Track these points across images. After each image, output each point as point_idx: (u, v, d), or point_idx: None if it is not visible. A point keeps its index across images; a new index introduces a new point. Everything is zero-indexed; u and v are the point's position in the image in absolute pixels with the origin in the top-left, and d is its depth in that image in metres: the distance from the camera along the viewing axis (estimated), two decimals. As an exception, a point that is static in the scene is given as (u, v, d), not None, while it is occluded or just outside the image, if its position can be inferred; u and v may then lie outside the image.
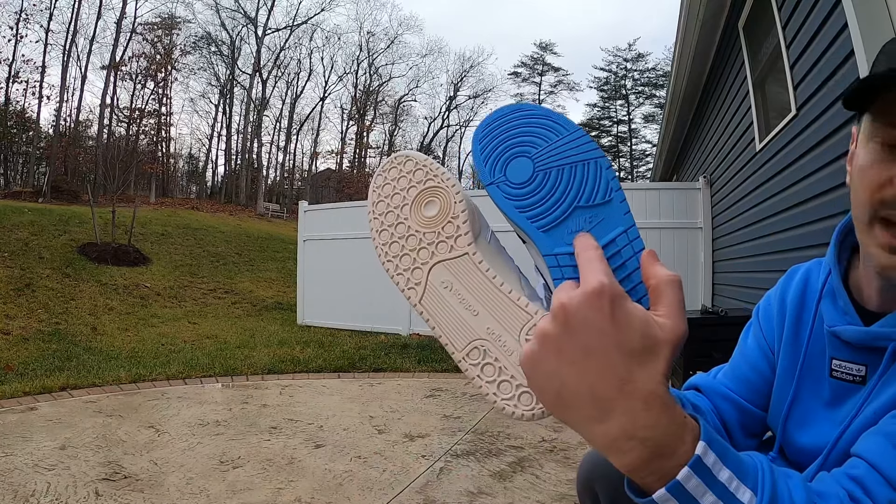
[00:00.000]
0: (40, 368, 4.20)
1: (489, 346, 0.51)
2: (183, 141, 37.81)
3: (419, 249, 0.54)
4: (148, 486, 2.02)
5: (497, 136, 0.54)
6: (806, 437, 0.64)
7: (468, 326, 0.52)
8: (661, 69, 31.95)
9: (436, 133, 37.37)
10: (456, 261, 0.53)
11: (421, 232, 0.54)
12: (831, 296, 0.64)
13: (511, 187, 0.53)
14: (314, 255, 6.73)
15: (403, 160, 0.56)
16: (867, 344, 0.58)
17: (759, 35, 3.42)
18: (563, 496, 1.96)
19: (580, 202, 0.52)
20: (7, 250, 8.27)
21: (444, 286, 0.53)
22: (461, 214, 0.54)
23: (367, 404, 3.26)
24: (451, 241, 0.53)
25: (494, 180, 0.53)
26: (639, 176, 35.05)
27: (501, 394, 0.50)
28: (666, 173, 9.35)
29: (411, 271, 0.55)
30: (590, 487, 0.77)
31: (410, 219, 0.55)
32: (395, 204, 0.56)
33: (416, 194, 0.55)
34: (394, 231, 0.55)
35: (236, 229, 14.88)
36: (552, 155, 0.53)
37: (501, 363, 0.51)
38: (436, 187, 0.55)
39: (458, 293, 0.53)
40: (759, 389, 0.73)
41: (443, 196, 0.54)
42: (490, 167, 0.54)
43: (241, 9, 29.46)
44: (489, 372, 0.51)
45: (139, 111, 25.98)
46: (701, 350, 3.36)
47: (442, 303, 0.53)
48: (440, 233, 0.54)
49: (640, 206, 5.13)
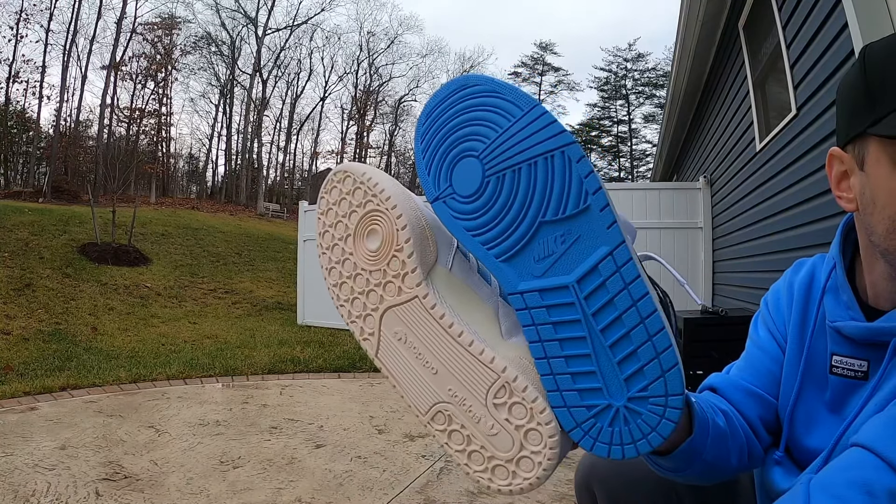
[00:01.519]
0: (40, 368, 4.20)
1: (453, 411, 0.42)
2: (183, 141, 37.86)
3: (368, 292, 0.45)
4: (148, 486, 2.02)
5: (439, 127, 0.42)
6: (811, 439, 0.63)
7: (429, 387, 0.43)
8: (661, 69, 31.95)
9: (436, 133, 37.34)
10: (406, 306, 0.43)
11: (367, 270, 0.45)
12: (834, 291, 0.63)
13: (459, 202, 0.41)
14: (314, 255, 6.69)
15: (342, 177, 0.47)
16: (869, 339, 0.57)
17: (759, 35, 3.42)
18: (563, 496, 1.96)
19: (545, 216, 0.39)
20: (7, 250, 8.28)
21: (397, 338, 0.44)
22: (405, 246, 0.43)
23: (368, 404, 3.26)
24: (399, 280, 0.43)
25: (440, 194, 0.42)
26: (639, 176, 35.04)
27: (473, 465, 0.42)
28: (666, 173, 9.34)
29: (363, 318, 0.46)
30: (588, 488, 0.77)
31: (356, 254, 0.46)
32: (339, 235, 0.47)
33: (357, 221, 0.45)
34: (342, 269, 0.47)
35: (236, 229, 14.87)
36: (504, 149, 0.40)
37: (469, 431, 0.42)
38: (375, 210, 0.44)
39: (413, 346, 0.43)
40: (778, 378, 0.70)
41: (384, 222, 0.44)
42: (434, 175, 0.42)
43: (241, 9, 29.45)
44: (457, 440, 0.43)
45: (139, 111, 25.95)
46: (701, 350, 3.36)
47: (398, 358, 0.44)
48: (386, 271, 0.44)
49: (640, 206, 5.13)
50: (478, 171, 0.41)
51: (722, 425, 0.62)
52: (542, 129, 0.40)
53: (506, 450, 0.41)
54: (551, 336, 0.41)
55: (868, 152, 0.54)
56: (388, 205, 0.43)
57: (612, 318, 0.40)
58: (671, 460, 0.58)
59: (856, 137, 0.55)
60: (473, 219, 0.41)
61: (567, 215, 0.39)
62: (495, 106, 0.40)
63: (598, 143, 36.36)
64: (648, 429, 0.41)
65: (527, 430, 0.40)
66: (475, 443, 0.42)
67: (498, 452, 0.41)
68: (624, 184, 23.31)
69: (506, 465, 0.41)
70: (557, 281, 0.40)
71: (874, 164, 0.53)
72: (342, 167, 0.47)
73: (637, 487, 0.73)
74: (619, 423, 0.41)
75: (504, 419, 0.41)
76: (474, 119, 0.41)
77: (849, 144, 0.57)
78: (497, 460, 0.41)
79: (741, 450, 0.65)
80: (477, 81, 0.42)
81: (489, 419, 0.41)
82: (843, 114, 0.58)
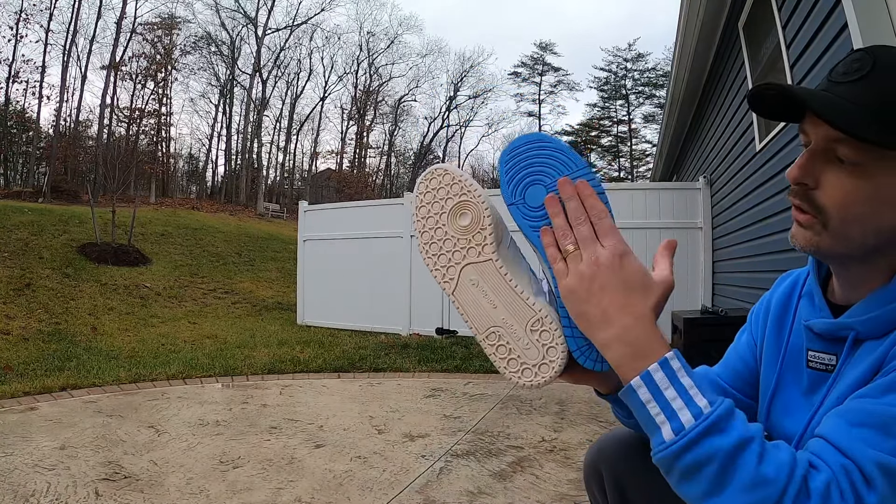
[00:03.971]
0: (40, 368, 4.20)
1: (503, 332, 0.65)
2: (183, 141, 37.88)
3: (454, 252, 0.66)
4: (148, 486, 2.02)
5: (519, 161, 0.65)
6: (787, 423, 0.70)
7: (488, 315, 0.65)
8: (661, 69, 31.92)
9: (436, 133, 37.34)
10: (482, 264, 0.65)
11: (456, 238, 0.66)
12: (809, 295, 0.72)
13: (528, 209, 0.65)
14: (314, 255, 6.73)
15: (442, 173, 0.67)
16: (834, 334, 0.65)
17: (759, 35, 3.42)
18: (563, 496, 1.96)
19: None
20: (7, 250, 8.27)
21: (471, 283, 0.66)
22: (488, 227, 0.65)
23: (367, 404, 3.26)
24: (480, 248, 0.66)
25: (515, 202, 0.65)
26: (639, 176, 35.01)
27: (510, 368, 0.65)
28: (666, 173, 9.34)
29: (446, 269, 0.67)
30: (596, 470, 0.86)
31: (447, 225, 0.67)
32: (435, 211, 0.67)
33: (453, 205, 0.66)
34: (433, 234, 0.67)
35: (236, 229, 14.88)
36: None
37: (511, 346, 0.64)
38: (469, 201, 0.66)
39: (482, 289, 0.66)
40: (746, 379, 0.81)
41: (474, 209, 0.66)
42: (512, 189, 0.65)
43: (241, 9, 29.46)
44: (502, 352, 0.65)
45: (139, 111, 25.95)
46: (700, 350, 3.36)
47: (469, 295, 0.66)
48: (471, 240, 0.66)
49: (640, 206, 5.13)
50: (542, 194, 0.64)
51: None
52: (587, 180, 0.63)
53: (534, 358, 0.64)
54: None
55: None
56: (479, 199, 0.65)
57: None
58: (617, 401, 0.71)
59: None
60: (535, 221, 0.64)
61: None
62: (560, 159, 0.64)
63: (597, 143, 36.35)
64: None
65: (549, 347, 0.63)
66: (514, 353, 0.64)
67: (528, 360, 0.64)
68: (624, 184, 23.32)
69: (532, 367, 0.64)
70: None
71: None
72: (443, 166, 0.67)
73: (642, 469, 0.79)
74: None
75: (536, 339, 0.64)
76: (545, 163, 0.64)
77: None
78: (527, 365, 0.64)
79: None
80: (551, 140, 0.65)
81: (526, 338, 0.64)
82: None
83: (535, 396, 3.35)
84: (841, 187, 0.58)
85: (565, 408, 3.10)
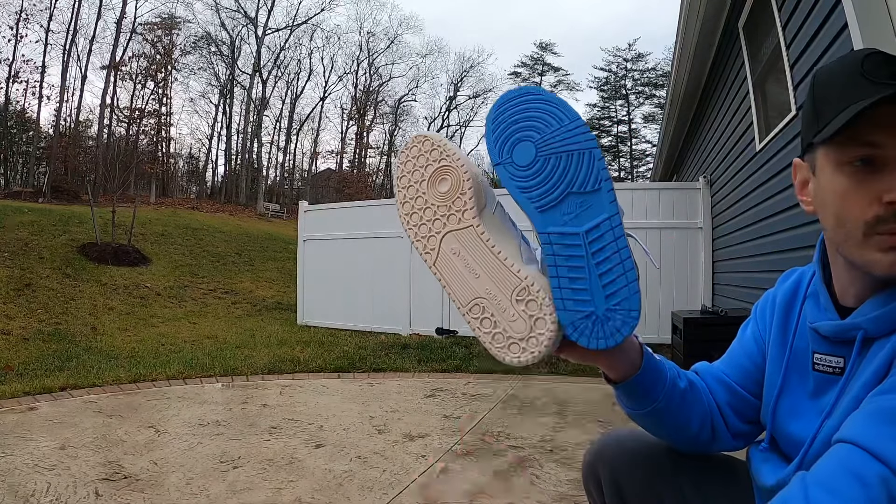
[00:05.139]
0: (40, 368, 4.20)
1: (487, 304, 0.61)
2: (183, 141, 37.75)
3: (434, 220, 0.63)
4: (148, 486, 2.02)
5: (507, 118, 0.61)
6: (794, 427, 0.69)
7: (471, 286, 0.62)
8: (661, 69, 31.90)
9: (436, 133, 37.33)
10: (463, 231, 0.62)
11: (435, 205, 0.63)
12: (814, 296, 0.70)
13: (516, 168, 0.61)
14: (314, 255, 6.73)
15: (422, 140, 0.65)
16: (841, 336, 0.63)
17: (759, 35, 3.42)
18: (563, 496, 1.95)
19: (573, 188, 0.60)
20: (7, 250, 8.27)
21: (453, 252, 0.63)
22: (468, 191, 0.62)
23: (367, 404, 3.26)
24: (460, 214, 0.62)
25: (502, 161, 0.61)
26: (639, 176, 35.02)
27: (496, 344, 0.61)
28: (666, 173, 9.34)
29: (427, 239, 0.64)
30: (594, 471, 0.85)
31: (427, 193, 0.64)
32: (416, 179, 0.64)
33: (432, 172, 0.64)
34: (414, 203, 0.65)
35: (236, 229, 14.88)
36: (553, 142, 0.60)
37: (496, 318, 0.61)
38: (448, 166, 0.63)
39: (464, 259, 0.62)
40: (752, 375, 0.79)
41: (454, 174, 0.62)
42: (499, 148, 0.61)
43: (241, 9, 29.43)
44: (487, 325, 0.61)
45: (139, 111, 25.90)
46: (700, 350, 3.36)
47: (451, 266, 0.63)
48: (451, 206, 0.63)
49: (640, 206, 5.13)
50: (532, 151, 0.60)
51: (682, 386, 0.75)
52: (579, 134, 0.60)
53: (520, 331, 0.60)
54: (563, 263, 0.61)
55: (817, 159, 0.63)
56: (458, 163, 0.62)
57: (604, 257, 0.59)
58: (624, 391, 0.73)
59: (808, 147, 0.65)
60: (524, 181, 0.60)
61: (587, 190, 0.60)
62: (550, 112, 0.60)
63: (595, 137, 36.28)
64: (615, 330, 0.60)
65: (536, 319, 0.59)
66: (499, 327, 0.60)
67: (515, 334, 0.60)
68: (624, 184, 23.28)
69: (519, 342, 0.59)
70: (573, 229, 0.60)
71: (821, 169, 0.62)
72: (423, 133, 0.65)
73: (639, 470, 0.80)
74: (598, 324, 0.60)
75: (522, 310, 0.60)
76: (535, 117, 0.60)
77: (805, 154, 0.66)
78: (513, 339, 0.60)
79: (703, 419, 0.77)
80: (540, 91, 0.61)
81: (511, 310, 0.60)
82: (801, 127, 0.68)
83: (535, 396, 3.34)
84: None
85: (565, 408, 3.09)
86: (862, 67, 0.58)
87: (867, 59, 0.58)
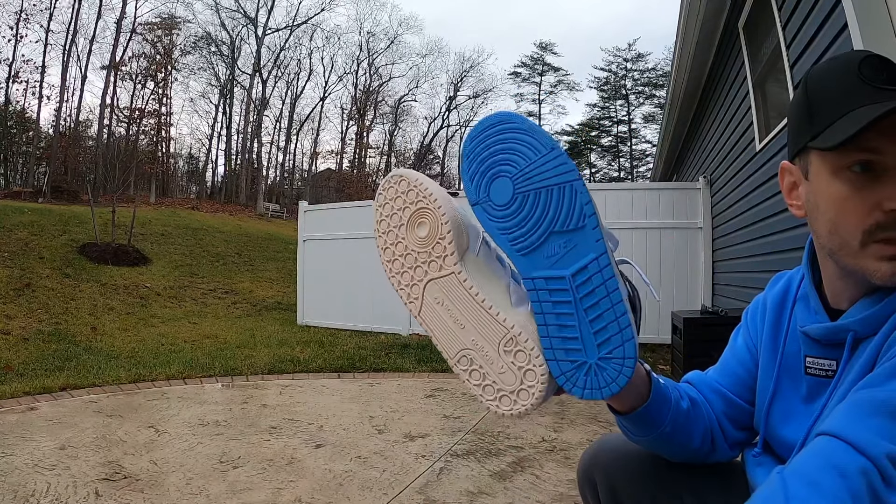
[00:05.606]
0: (40, 368, 4.20)
1: (474, 356, 0.59)
2: (183, 141, 37.81)
3: (415, 268, 0.60)
4: (148, 486, 2.02)
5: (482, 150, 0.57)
6: (787, 431, 0.69)
7: (457, 337, 0.59)
8: (661, 69, 31.89)
9: (436, 133, 37.27)
10: (445, 279, 0.59)
11: (416, 251, 0.60)
12: (804, 299, 0.69)
13: (494, 209, 0.57)
14: (314, 255, 6.73)
15: (398, 180, 0.61)
16: (832, 339, 0.63)
17: (759, 35, 3.42)
18: (563, 496, 1.96)
19: (555, 227, 0.55)
20: (7, 250, 8.27)
21: (437, 302, 0.60)
22: (447, 235, 0.58)
23: (367, 404, 3.26)
24: (440, 260, 0.59)
25: (479, 200, 0.58)
26: (639, 176, 34.99)
27: (486, 396, 0.58)
28: (666, 173, 9.34)
29: (410, 287, 0.61)
30: (590, 477, 0.84)
31: (407, 238, 0.61)
32: (394, 224, 0.61)
33: (410, 215, 0.60)
34: (395, 249, 0.62)
35: (236, 229, 14.87)
36: (530, 175, 0.56)
37: (485, 370, 0.58)
38: (425, 208, 0.59)
39: (448, 308, 0.59)
40: (745, 383, 0.78)
41: (431, 217, 0.59)
42: (476, 185, 0.58)
43: (241, 9, 29.43)
44: (476, 377, 0.59)
45: (139, 111, 25.88)
46: (700, 350, 3.36)
47: (436, 316, 0.60)
48: (431, 252, 0.59)
49: (640, 206, 5.12)
50: (509, 188, 0.55)
51: (685, 407, 0.74)
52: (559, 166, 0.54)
53: (510, 383, 0.57)
54: (550, 310, 0.57)
55: (810, 164, 0.61)
56: (435, 205, 0.58)
57: (593, 302, 0.55)
58: (631, 421, 0.70)
59: (800, 151, 0.63)
60: (503, 221, 0.56)
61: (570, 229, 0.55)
62: (526, 142, 0.55)
63: (597, 143, 36.32)
64: (610, 380, 0.56)
65: (526, 370, 0.56)
66: (488, 379, 0.58)
67: (505, 386, 0.57)
68: (624, 184, 23.31)
69: (510, 395, 0.56)
70: (558, 272, 0.56)
71: (815, 174, 0.61)
72: (399, 172, 0.61)
73: (635, 477, 0.79)
74: (591, 375, 0.56)
75: (510, 362, 0.57)
76: (510, 149, 0.55)
77: (796, 157, 0.65)
78: (504, 392, 0.57)
79: (704, 435, 0.75)
80: (514, 119, 0.56)
81: (500, 361, 0.57)
82: (791, 130, 0.66)
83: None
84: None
85: (565, 408, 3.10)
86: (859, 71, 0.57)
87: (864, 62, 0.57)
